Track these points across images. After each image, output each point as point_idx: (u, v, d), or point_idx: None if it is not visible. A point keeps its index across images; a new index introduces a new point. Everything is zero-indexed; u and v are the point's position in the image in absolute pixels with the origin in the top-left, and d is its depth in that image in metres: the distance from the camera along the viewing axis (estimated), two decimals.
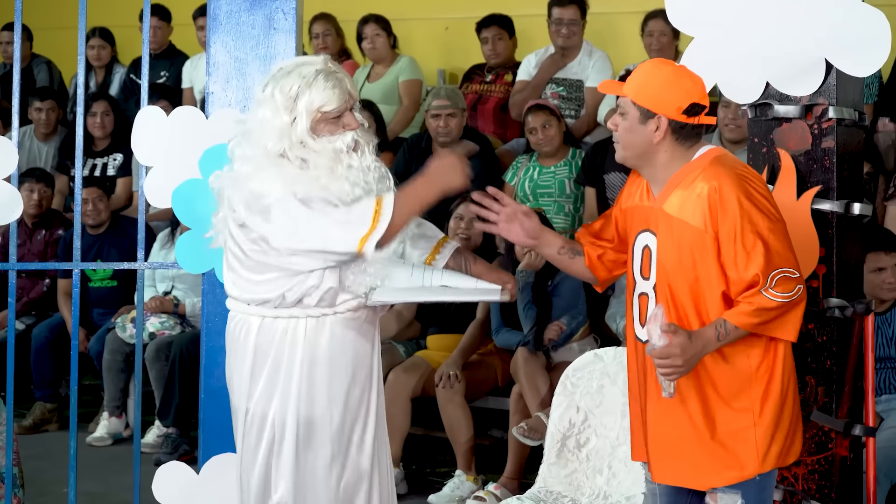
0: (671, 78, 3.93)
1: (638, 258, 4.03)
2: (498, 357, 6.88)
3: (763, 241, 3.80)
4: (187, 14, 9.40)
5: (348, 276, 4.17)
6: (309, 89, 4.13)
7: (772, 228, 3.83)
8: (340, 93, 4.15)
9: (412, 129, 8.61)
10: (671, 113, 3.90)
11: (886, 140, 7.38)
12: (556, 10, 8.22)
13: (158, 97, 8.24)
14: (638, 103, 3.92)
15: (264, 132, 4.15)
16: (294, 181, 4.10)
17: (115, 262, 7.89)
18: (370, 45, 8.80)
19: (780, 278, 3.80)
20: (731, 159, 3.95)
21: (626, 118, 3.95)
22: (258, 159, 4.16)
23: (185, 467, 5.19)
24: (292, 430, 4.18)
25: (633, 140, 3.95)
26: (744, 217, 3.81)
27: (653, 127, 3.91)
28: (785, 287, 3.81)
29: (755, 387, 3.90)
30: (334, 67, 4.20)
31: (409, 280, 4.23)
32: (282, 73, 4.20)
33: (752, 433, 3.88)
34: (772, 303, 3.80)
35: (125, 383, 7.92)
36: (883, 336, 5.79)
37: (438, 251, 4.36)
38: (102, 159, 9.04)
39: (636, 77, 3.96)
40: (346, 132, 4.17)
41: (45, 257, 8.38)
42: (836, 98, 4.45)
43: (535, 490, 5.17)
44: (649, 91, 3.91)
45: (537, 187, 7.57)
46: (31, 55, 10.02)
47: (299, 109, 4.13)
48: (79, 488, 5.42)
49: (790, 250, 3.87)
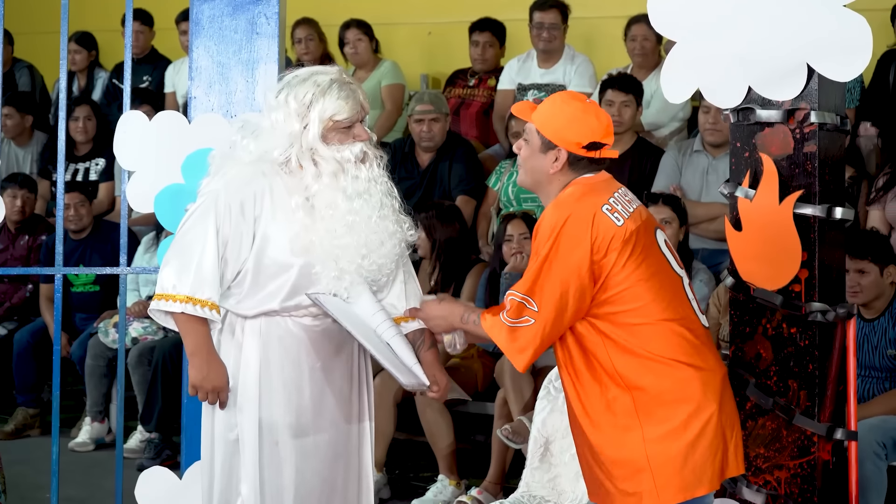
0: (577, 115, 4.00)
1: None
2: (479, 361, 6.88)
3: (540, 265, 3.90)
4: (169, 19, 9.39)
5: (229, 298, 4.23)
6: (323, 98, 4.17)
7: (547, 258, 3.89)
8: (353, 104, 4.19)
9: (395, 133, 8.61)
10: (571, 147, 3.98)
11: (868, 144, 7.40)
12: (537, 14, 8.23)
13: (141, 102, 8.22)
14: (542, 133, 4.01)
15: (274, 136, 4.19)
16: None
17: (97, 266, 7.88)
18: (352, 50, 8.80)
19: (517, 303, 3.91)
20: (570, 192, 3.99)
21: (528, 144, 4.06)
22: (252, 159, 4.21)
23: (167, 472, 5.18)
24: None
25: (532, 165, 4.06)
26: (538, 240, 3.92)
27: (552, 158, 4.01)
28: (516, 312, 3.92)
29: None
30: (348, 79, 4.25)
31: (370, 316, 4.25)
32: (297, 80, 4.23)
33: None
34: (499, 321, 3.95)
35: (108, 388, 7.90)
36: (868, 344, 5.79)
37: (408, 319, 4.39)
38: (85, 164, 9.03)
39: (545, 108, 4.04)
40: (355, 143, 4.21)
41: (29, 262, 8.36)
42: (818, 102, 4.46)
43: (518, 494, 5.17)
44: (555, 124, 4.00)
45: (520, 192, 7.56)
46: (13, 60, 9.99)
47: (311, 117, 4.17)
48: (61, 494, 5.42)
49: (549, 285, 3.89)
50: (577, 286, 3.87)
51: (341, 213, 4.17)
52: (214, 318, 4.15)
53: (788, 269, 4.44)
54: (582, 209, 3.91)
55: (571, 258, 3.87)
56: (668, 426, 3.86)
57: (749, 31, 4.46)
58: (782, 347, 4.51)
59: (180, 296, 4.11)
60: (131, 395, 7.63)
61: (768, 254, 4.46)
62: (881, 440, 5.45)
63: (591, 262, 3.87)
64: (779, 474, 4.51)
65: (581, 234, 3.88)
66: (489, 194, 7.74)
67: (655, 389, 3.87)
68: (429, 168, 7.81)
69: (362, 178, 4.20)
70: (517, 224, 6.75)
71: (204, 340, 4.17)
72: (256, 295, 4.21)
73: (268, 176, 4.18)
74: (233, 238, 4.14)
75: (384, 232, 4.24)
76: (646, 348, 3.88)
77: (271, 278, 4.19)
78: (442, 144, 7.81)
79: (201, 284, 4.11)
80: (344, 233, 4.16)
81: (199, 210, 4.16)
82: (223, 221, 4.12)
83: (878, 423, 5.51)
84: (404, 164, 7.88)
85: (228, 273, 4.17)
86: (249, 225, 4.15)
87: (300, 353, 4.24)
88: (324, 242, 4.16)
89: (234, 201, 4.14)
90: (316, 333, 4.25)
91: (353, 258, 4.17)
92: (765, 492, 4.50)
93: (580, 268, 3.87)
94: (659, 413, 3.87)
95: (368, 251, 4.19)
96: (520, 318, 3.89)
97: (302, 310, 4.23)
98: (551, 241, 3.88)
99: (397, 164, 7.86)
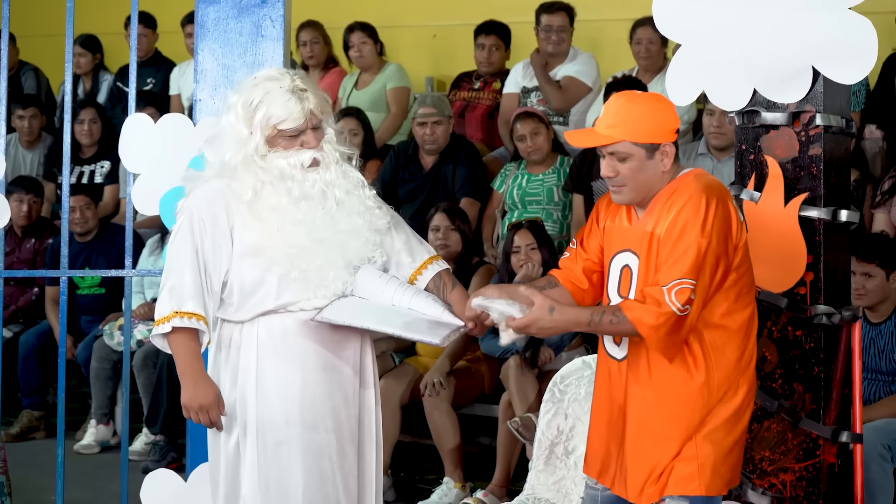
0: (654, 105, 3.92)
1: (615, 277, 4.01)
2: (485, 364, 6.88)
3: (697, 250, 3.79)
4: (173, 21, 9.39)
5: (226, 309, 4.28)
6: (268, 104, 4.15)
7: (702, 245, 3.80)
8: (300, 111, 4.16)
9: (400, 136, 8.61)
10: (670, 137, 3.90)
11: (873, 147, 7.40)
12: (544, 17, 8.22)
13: (145, 104, 8.24)
14: (640, 141, 3.87)
15: (226, 139, 4.22)
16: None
17: (103, 269, 7.88)
18: (357, 54, 8.80)
19: (688, 290, 3.77)
20: (709, 177, 3.94)
21: (630, 161, 3.88)
22: (213, 169, 4.26)
23: (172, 475, 5.19)
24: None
25: (643, 178, 3.89)
26: (688, 222, 3.80)
27: (659, 158, 3.89)
28: (686, 301, 3.78)
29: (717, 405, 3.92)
30: (302, 84, 4.20)
31: (380, 294, 4.24)
32: (250, 84, 4.24)
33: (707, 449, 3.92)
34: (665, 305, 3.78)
35: (113, 391, 7.90)
36: (875, 347, 5.79)
37: (420, 272, 4.38)
38: (90, 167, 9.03)
39: (622, 117, 3.89)
40: (302, 150, 4.19)
41: (35, 265, 8.36)
42: (823, 105, 4.46)
43: (523, 497, 5.17)
44: (646, 125, 3.87)
45: (525, 195, 7.57)
46: (19, 62, 10.00)
47: (255, 123, 4.17)
48: (66, 496, 5.42)
49: (705, 273, 3.82)
50: (723, 269, 3.84)
51: (289, 214, 4.18)
52: (201, 327, 4.17)
53: (794, 271, 4.44)
54: (721, 185, 3.89)
55: (724, 242, 3.82)
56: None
57: (754, 34, 4.46)
58: (788, 350, 4.51)
59: (169, 314, 4.16)
60: (136, 397, 7.64)
61: (773, 256, 4.46)
62: (886, 443, 5.45)
63: (732, 249, 3.85)
64: (784, 477, 4.50)
65: (732, 210, 3.86)
66: (494, 197, 7.74)
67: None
68: (432, 171, 7.81)
69: (309, 183, 4.19)
70: (524, 235, 6.72)
71: (192, 360, 4.19)
72: (249, 300, 4.23)
73: (230, 189, 4.21)
74: (212, 251, 4.18)
75: (347, 229, 4.23)
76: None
77: (256, 284, 4.22)
78: (446, 147, 7.80)
79: (184, 299, 4.15)
80: (294, 232, 4.18)
81: (178, 233, 4.22)
82: (200, 238, 4.18)
83: (883, 426, 5.50)
84: (408, 166, 7.88)
85: (216, 285, 4.21)
86: (226, 236, 4.20)
87: (300, 350, 4.24)
88: (278, 245, 4.18)
89: (207, 216, 4.18)
90: (316, 329, 4.24)
91: (312, 258, 4.18)
92: (770, 494, 4.49)
93: (729, 249, 3.83)
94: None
95: (326, 249, 4.20)
96: (686, 306, 3.77)
97: (300, 303, 4.23)
98: (710, 223, 3.78)
99: (401, 167, 7.87)
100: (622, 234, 4.01)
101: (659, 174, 3.90)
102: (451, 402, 6.66)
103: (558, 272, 4.18)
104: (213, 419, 4.19)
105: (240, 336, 4.26)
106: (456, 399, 6.69)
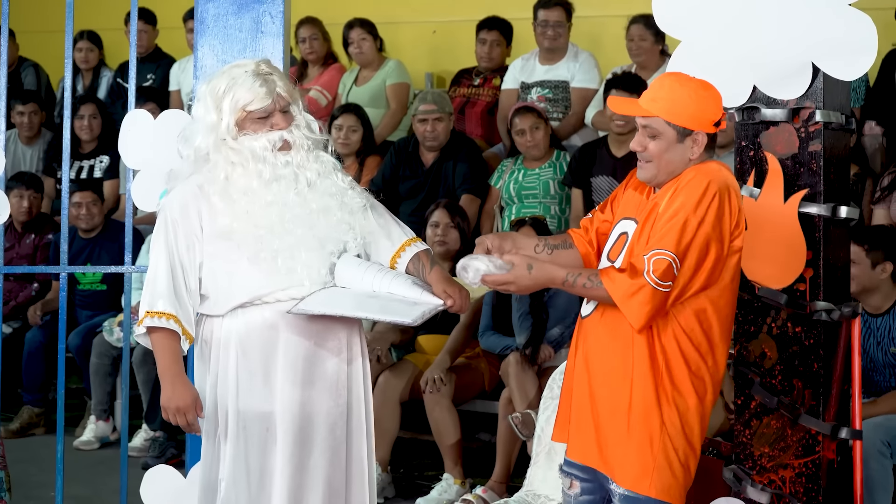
0: (701, 93, 3.91)
1: (611, 241, 4.05)
2: (485, 360, 6.88)
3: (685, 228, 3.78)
4: (173, 17, 9.40)
5: (204, 303, 4.31)
6: (235, 88, 4.21)
7: (699, 232, 3.79)
8: (267, 92, 4.21)
9: (400, 132, 8.62)
10: (707, 127, 3.90)
11: (873, 143, 7.40)
12: (541, 13, 8.23)
13: (145, 100, 8.24)
14: (674, 122, 3.88)
15: (196, 129, 4.28)
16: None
17: (105, 265, 7.88)
18: (357, 50, 8.80)
19: (667, 263, 3.76)
20: (726, 171, 3.94)
21: (660, 139, 3.90)
22: (188, 161, 4.31)
23: (172, 471, 5.18)
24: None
25: (670, 159, 3.90)
26: (685, 201, 3.80)
27: (689, 144, 3.90)
28: (664, 274, 3.76)
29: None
30: (267, 69, 4.26)
31: (359, 280, 4.24)
32: (218, 73, 4.32)
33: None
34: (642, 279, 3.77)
35: (112, 387, 7.91)
36: (873, 338, 5.78)
37: (399, 255, 4.38)
38: (89, 161, 9.04)
39: (663, 95, 3.90)
40: (272, 131, 4.22)
41: (35, 261, 8.37)
42: (823, 101, 4.45)
43: (523, 493, 5.18)
44: (687, 109, 3.88)
45: (522, 189, 7.58)
46: (19, 58, 10.00)
47: (224, 107, 4.22)
48: (66, 492, 5.42)
49: (694, 249, 3.81)
50: (714, 256, 3.82)
51: (259, 196, 4.20)
52: (172, 326, 4.20)
53: (793, 268, 4.44)
54: (733, 181, 3.89)
55: (718, 227, 3.81)
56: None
57: (754, 31, 4.45)
58: (787, 346, 4.51)
59: (142, 316, 4.22)
60: (136, 393, 7.64)
61: (773, 253, 4.46)
62: (886, 439, 5.45)
63: (731, 237, 3.85)
64: (783, 473, 4.50)
65: (733, 205, 3.85)
66: (492, 193, 7.74)
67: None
68: (433, 167, 7.82)
69: (280, 164, 4.23)
70: (527, 232, 6.71)
71: (171, 362, 4.22)
72: (225, 291, 4.25)
73: (205, 180, 4.25)
74: (186, 249, 4.24)
75: (318, 208, 4.24)
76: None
77: (230, 274, 4.24)
78: (446, 144, 7.81)
79: (155, 298, 4.21)
80: (263, 214, 4.20)
81: (155, 233, 4.29)
82: (174, 236, 4.23)
83: (882, 423, 5.51)
84: (408, 163, 7.88)
85: (192, 282, 4.25)
86: (195, 229, 4.23)
87: (282, 342, 4.25)
88: (247, 227, 4.20)
89: (179, 215, 4.23)
90: (298, 321, 4.24)
91: (282, 237, 4.20)
92: (769, 491, 4.49)
93: (723, 239, 3.83)
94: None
95: (296, 228, 4.21)
96: (667, 281, 3.76)
97: (276, 293, 4.24)
98: (705, 203, 3.78)
99: (402, 164, 7.87)
100: (631, 203, 4.05)
101: (685, 160, 3.91)
102: (452, 399, 6.67)
103: (575, 231, 4.23)
104: (189, 421, 4.22)
105: (220, 330, 4.28)
106: (456, 395, 6.69)
